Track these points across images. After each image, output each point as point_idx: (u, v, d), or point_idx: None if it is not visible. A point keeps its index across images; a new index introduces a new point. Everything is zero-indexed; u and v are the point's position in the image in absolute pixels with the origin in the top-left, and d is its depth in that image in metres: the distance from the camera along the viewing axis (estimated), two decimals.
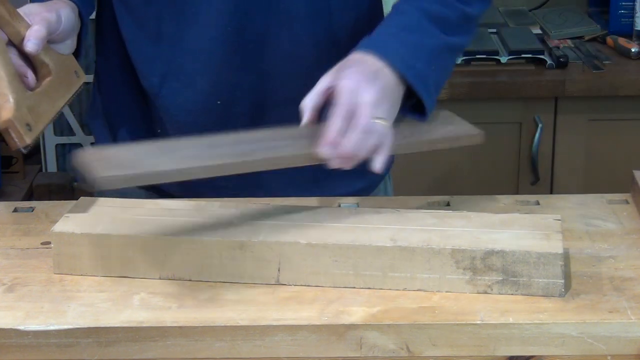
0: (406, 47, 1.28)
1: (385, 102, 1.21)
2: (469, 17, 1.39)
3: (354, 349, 1.10)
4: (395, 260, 1.15)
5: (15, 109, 1.17)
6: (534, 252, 1.13)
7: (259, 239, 1.17)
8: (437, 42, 1.32)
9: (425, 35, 1.31)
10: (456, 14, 1.35)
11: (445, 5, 1.35)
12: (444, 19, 1.33)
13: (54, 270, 1.21)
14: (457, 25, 1.36)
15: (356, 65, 1.24)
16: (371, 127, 1.18)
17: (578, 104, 2.37)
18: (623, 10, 2.64)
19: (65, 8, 1.29)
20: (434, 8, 1.33)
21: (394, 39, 1.29)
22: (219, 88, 1.40)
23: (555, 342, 1.09)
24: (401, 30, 1.31)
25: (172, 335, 1.10)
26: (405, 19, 1.32)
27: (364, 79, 1.21)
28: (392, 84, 1.24)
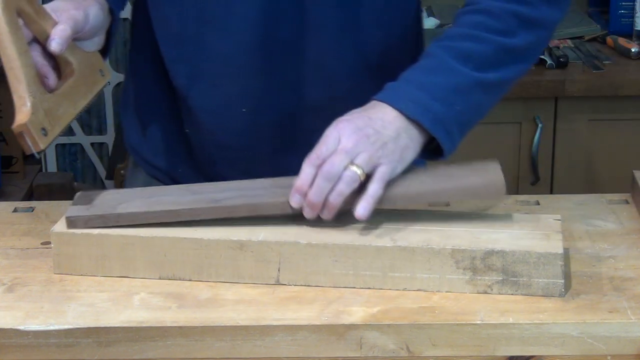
0: (424, 90, 1.24)
1: (370, 148, 1.18)
2: (513, 49, 1.30)
3: (354, 349, 1.10)
4: (395, 260, 1.15)
5: (32, 112, 1.16)
6: (534, 252, 1.13)
7: (259, 239, 1.17)
8: (463, 80, 1.26)
9: (449, 74, 1.26)
10: (492, 48, 1.28)
11: (478, 40, 1.28)
12: (477, 56, 1.27)
13: (54, 270, 1.21)
14: (495, 61, 1.29)
15: (359, 112, 1.23)
16: (336, 174, 1.16)
17: (578, 104, 2.37)
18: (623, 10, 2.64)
19: (94, 5, 1.27)
20: (464, 45, 1.28)
21: (410, 84, 1.25)
22: (245, 94, 1.37)
23: (555, 342, 1.09)
24: (422, 72, 1.27)
25: (172, 335, 1.10)
26: (429, 61, 1.28)
27: (352, 126, 1.19)
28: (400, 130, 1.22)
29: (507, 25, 1.29)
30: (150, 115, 1.49)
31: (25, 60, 1.16)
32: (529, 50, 1.33)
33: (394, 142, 1.21)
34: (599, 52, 2.52)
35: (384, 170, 1.19)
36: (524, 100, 2.36)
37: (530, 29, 1.31)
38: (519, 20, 1.30)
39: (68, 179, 2.80)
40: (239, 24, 1.33)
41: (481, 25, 1.29)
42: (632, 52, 2.47)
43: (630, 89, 2.35)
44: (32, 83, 1.17)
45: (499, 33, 1.29)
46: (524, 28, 1.30)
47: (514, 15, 1.29)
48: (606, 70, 2.40)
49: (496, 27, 1.29)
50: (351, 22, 1.35)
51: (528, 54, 1.33)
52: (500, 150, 2.41)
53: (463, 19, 1.32)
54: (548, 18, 1.34)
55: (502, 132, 2.40)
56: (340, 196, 1.16)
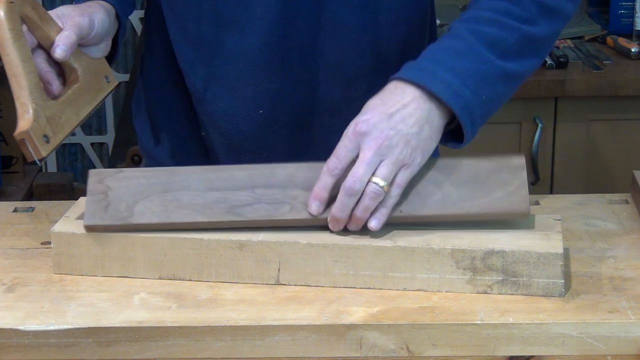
0: (455, 74, 1.20)
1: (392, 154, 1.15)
2: (533, 38, 1.27)
3: (354, 349, 1.10)
4: (395, 260, 1.15)
5: (34, 119, 1.16)
6: (534, 252, 1.13)
7: (259, 239, 1.17)
8: (491, 69, 1.23)
9: (478, 61, 1.22)
10: (516, 37, 1.25)
11: (503, 27, 1.24)
12: (502, 43, 1.24)
13: (54, 270, 1.21)
14: (517, 50, 1.25)
15: (376, 105, 1.18)
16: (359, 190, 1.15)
17: (578, 104, 2.37)
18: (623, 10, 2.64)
19: (100, 12, 1.27)
20: (491, 31, 1.24)
21: (441, 64, 1.21)
22: (262, 96, 1.36)
23: (555, 342, 1.09)
24: (451, 54, 1.22)
25: (172, 335, 1.10)
26: (458, 43, 1.23)
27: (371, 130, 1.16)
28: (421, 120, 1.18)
29: (530, 12, 1.26)
30: (164, 119, 1.48)
31: (28, 67, 1.16)
32: (546, 41, 1.30)
33: (417, 137, 1.17)
34: (599, 52, 2.52)
35: (405, 175, 1.17)
36: (524, 100, 2.36)
37: (549, 19, 1.28)
38: (540, 8, 1.27)
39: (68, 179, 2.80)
40: (257, 25, 1.33)
41: (505, 11, 1.25)
42: (632, 52, 2.47)
43: (630, 89, 2.35)
44: (34, 90, 1.17)
45: (522, 21, 1.26)
46: (544, 17, 1.27)
47: (536, 3, 1.27)
48: (606, 70, 2.39)
49: (520, 14, 1.25)
50: (370, 22, 1.34)
51: (544, 45, 1.31)
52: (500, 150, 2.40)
53: (487, 2, 1.27)
54: (565, 9, 1.31)
55: (502, 132, 2.40)
56: (367, 211, 1.16)
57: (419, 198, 1.18)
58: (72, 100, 1.23)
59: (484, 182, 1.19)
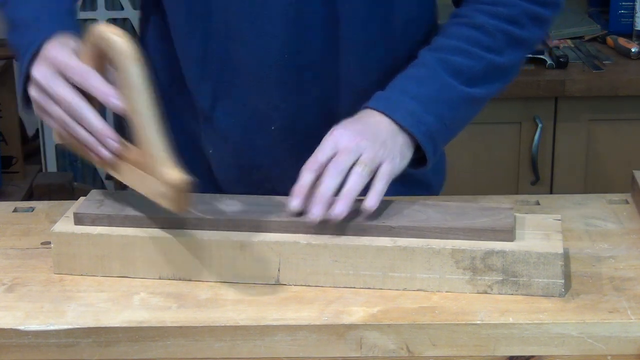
0: (417, 101, 1.26)
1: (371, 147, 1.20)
2: (500, 67, 1.33)
3: (354, 349, 1.10)
4: (395, 260, 1.15)
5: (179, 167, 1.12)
6: (534, 252, 1.13)
7: (259, 239, 1.17)
8: (453, 94, 1.28)
9: (441, 87, 1.28)
10: (482, 65, 1.30)
11: (471, 57, 1.30)
12: (467, 71, 1.29)
13: (54, 270, 1.21)
14: (483, 77, 1.31)
15: (352, 120, 1.24)
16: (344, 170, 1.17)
17: (578, 104, 2.38)
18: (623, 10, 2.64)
19: None
20: (457, 59, 1.29)
21: (406, 93, 1.26)
22: (274, 112, 1.35)
23: (555, 342, 1.09)
24: (415, 82, 1.28)
25: (172, 335, 1.10)
26: (422, 70, 1.29)
27: (349, 132, 1.21)
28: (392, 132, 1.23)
29: (498, 43, 1.32)
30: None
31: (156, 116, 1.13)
32: (512, 68, 1.35)
33: (392, 141, 1.22)
34: (599, 52, 2.52)
35: (387, 168, 1.19)
36: (524, 100, 2.37)
37: (517, 49, 1.34)
38: (509, 40, 1.32)
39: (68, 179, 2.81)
40: (267, 41, 1.31)
41: (474, 41, 1.31)
42: (632, 52, 2.47)
43: (630, 89, 2.35)
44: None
45: (490, 51, 1.31)
46: (512, 47, 1.33)
47: (505, 34, 1.32)
48: (606, 70, 2.40)
49: (488, 44, 1.31)
50: (382, 36, 1.34)
51: (510, 71, 1.36)
52: (500, 150, 2.41)
53: (457, 31, 1.33)
54: (534, 38, 1.37)
55: (502, 132, 2.40)
56: (353, 191, 1.16)
57: (404, 217, 1.18)
58: None
59: (469, 213, 1.19)
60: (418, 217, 1.18)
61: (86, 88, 1.13)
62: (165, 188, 1.10)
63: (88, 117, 1.14)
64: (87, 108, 1.14)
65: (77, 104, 1.14)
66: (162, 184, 1.10)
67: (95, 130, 1.14)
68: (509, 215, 1.18)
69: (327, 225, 1.16)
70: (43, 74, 1.15)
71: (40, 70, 1.16)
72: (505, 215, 1.18)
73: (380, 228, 1.17)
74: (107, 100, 1.12)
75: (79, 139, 1.15)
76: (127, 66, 1.10)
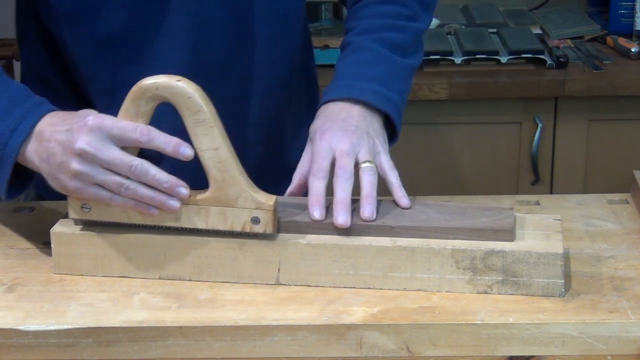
0: (376, 82, 1.30)
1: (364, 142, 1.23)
2: (420, 33, 1.41)
3: (354, 349, 1.10)
4: (395, 260, 1.15)
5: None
6: (534, 252, 1.13)
7: (258, 239, 1.17)
8: (402, 68, 1.35)
9: (391, 64, 1.34)
10: (410, 35, 1.38)
11: (399, 30, 1.37)
12: (402, 44, 1.36)
13: (54, 270, 1.21)
14: (413, 46, 1.39)
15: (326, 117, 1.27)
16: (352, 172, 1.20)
17: (578, 104, 2.37)
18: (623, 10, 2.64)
19: None
20: (391, 36, 1.36)
21: (360, 77, 1.31)
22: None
23: (555, 342, 1.09)
24: (364, 66, 1.33)
25: (172, 335, 1.10)
26: (367, 54, 1.34)
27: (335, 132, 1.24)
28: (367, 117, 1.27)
29: (415, 11, 1.40)
30: None
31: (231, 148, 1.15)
32: (425, 31, 1.43)
33: (372, 127, 1.27)
34: (599, 52, 2.52)
35: (386, 159, 1.25)
36: (524, 100, 2.36)
37: (428, 11, 1.45)
38: (421, 5, 1.42)
39: None
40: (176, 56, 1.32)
41: (396, 14, 1.38)
42: (632, 52, 2.47)
43: (630, 89, 2.35)
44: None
45: (411, 19, 1.39)
46: (424, 11, 1.42)
47: (417, 1, 1.40)
48: (606, 70, 2.39)
49: (406, 13, 1.39)
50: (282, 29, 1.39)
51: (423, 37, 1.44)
52: (500, 150, 2.41)
53: (375, 9, 1.39)
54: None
55: (502, 132, 2.40)
56: (373, 190, 1.19)
57: (404, 217, 1.19)
58: None
59: (469, 213, 1.19)
60: (418, 217, 1.18)
61: (153, 145, 1.13)
62: (259, 213, 1.14)
63: (154, 173, 1.12)
64: (150, 165, 1.12)
65: (139, 164, 1.12)
66: (253, 210, 1.14)
67: (163, 183, 1.13)
68: (509, 215, 1.18)
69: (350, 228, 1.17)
70: (91, 143, 1.11)
71: (85, 141, 1.11)
72: (505, 215, 1.18)
73: (380, 228, 1.17)
74: (178, 150, 1.13)
75: (141, 197, 1.13)
76: (201, 105, 1.12)
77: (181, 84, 1.12)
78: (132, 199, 1.14)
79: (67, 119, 1.15)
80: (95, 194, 1.14)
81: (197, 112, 1.12)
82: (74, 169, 1.12)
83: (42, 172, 1.17)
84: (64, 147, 1.13)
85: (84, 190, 1.14)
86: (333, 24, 2.62)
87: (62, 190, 1.16)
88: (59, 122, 1.15)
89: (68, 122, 1.14)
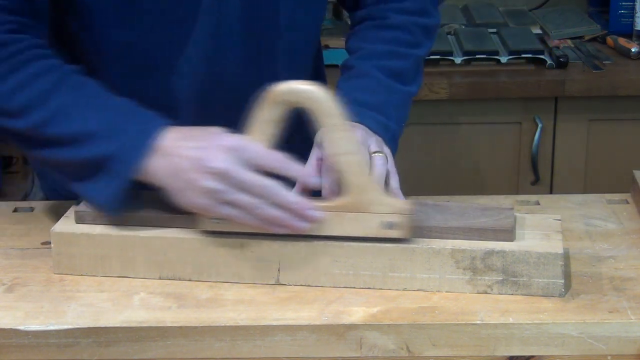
0: (377, 111, 1.32)
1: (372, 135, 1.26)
2: (421, 59, 1.43)
3: (354, 349, 1.10)
4: (395, 260, 1.15)
5: None
6: (534, 252, 1.13)
7: (258, 239, 1.17)
8: (400, 96, 1.37)
9: (389, 92, 1.35)
10: (411, 62, 1.39)
11: (401, 57, 1.38)
12: (402, 71, 1.37)
13: (54, 270, 1.21)
14: (413, 74, 1.40)
15: None
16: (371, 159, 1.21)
17: (578, 104, 2.37)
18: (623, 10, 2.64)
19: None
20: (392, 64, 1.37)
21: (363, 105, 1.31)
22: None
23: (555, 342, 1.09)
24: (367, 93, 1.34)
25: (172, 335, 1.10)
26: (368, 80, 1.35)
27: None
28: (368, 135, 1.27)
29: (417, 37, 1.41)
30: None
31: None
32: (426, 57, 1.46)
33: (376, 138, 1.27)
34: (599, 52, 2.52)
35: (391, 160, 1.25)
36: (524, 100, 2.36)
37: (430, 38, 1.45)
38: (424, 31, 1.42)
39: None
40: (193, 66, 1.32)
41: (398, 40, 1.40)
42: (632, 52, 2.47)
43: (630, 89, 2.35)
44: None
45: (413, 46, 1.40)
46: (426, 38, 1.43)
47: (419, 27, 1.41)
48: (606, 70, 2.39)
49: (410, 40, 1.40)
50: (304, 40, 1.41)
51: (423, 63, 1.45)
52: (500, 150, 2.41)
53: (379, 34, 1.41)
54: (438, 22, 1.47)
55: (502, 132, 2.40)
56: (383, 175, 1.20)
57: None
58: None
59: (469, 213, 1.19)
60: (418, 217, 1.18)
61: (284, 172, 1.14)
62: (395, 217, 1.13)
63: (285, 195, 1.13)
64: (281, 188, 1.13)
65: (271, 185, 1.12)
66: (388, 214, 1.13)
67: (293, 204, 1.13)
68: (509, 215, 1.18)
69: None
70: (227, 162, 1.12)
71: (221, 159, 1.12)
72: (505, 215, 1.18)
73: None
74: (308, 180, 1.16)
75: (271, 218, 1.13)
76: (335, 109, 1.12)
77: (315, 88, 1.12)
78: (262, 219, 1.14)
79: (195, 135, 1.15)
80: (223, 212, 1.14)
81: (332, 116, 1.12)
82: (206, 187, 1.12)
83: (166, 188, 1.16)
84: (195, 165, 1.12)
85: (212, 208, 1.13)
86: (333, 24, 2.61)
87: (187, 206, 1.15)
88: (185, 137, 1.15)
89: (199, 139, 1.14)
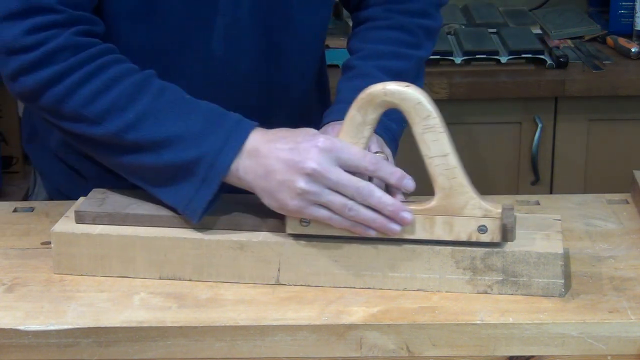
0: None
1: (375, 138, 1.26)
2: (422, 61, 1.43)
3: (354, 349, 1.10)
4: (395, 260, 1.15)
5: None
6: (534, 252, 1.13)
7: (259, 239, 1.17)
8: None
9: None
10: (412, 63, 1.40)
11: (402, 57, 1.39)
12: (403, 72, 1.36)
13: (54, 270, 1.21)
14: (414, 74, 1.40)
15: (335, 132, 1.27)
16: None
17: (578, 104, 2.37)
18: (623, 10, 2.64)
19: None
20: (393, 64, 1.37)
21: None
22: None
23: (555, 342, 1.09)
24: None
25: (172, 335, 1.10)
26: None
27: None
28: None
29: (419, 39, 1.41)
30: None
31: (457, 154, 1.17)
32: (427, 59, 1.45)
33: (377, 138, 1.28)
34: (599, 52, 2.52)
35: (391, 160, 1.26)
36: (524, 100, 2.36)
37: (432, 39, 1.45)
38: (426, 33, 1.42)
39: None
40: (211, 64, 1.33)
41: (400, 41, 1.40)
42: (632, 52, 2.47)
43: (630, 89, 2.35)
44: None
45: (414, 47, 1.41)
46: (427, 39, 1.44)
47: (422, 28, 1.42)
48: (606, 70, 2.39)
49: (411, 41, 1.41)
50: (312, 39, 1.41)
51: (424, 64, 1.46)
52: (500, 150, 2.41)
53: (381, 35, 1.41)
54: (440, 24, 1.48)
55: (502, 132, 2.40)
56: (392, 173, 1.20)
57: None
58: None
59: None
60: None
61: (378, 174, 1.14)
62: (486, 221, 1.12)
63: (379, 196, 1.13)
64: (375, 188, 1.13)
65: (366, 186, 1.12)
66: (481, 218, 1.13)
67: (388, 207, 1.13)
68: (509, 215, 1.18)
69: None
70: (322, 164, 1.12)
71: (316, 161, 1.12)
72: (505, 215, 1.18)
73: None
74: (402, 182, 1.15)
75: (363, 219, 1.13)
76: (430, 110, 1.12)
77: (410, 89, 1.12)
78: (353, 220, 1.13)
79: (286, 136, 1.15)
80: (315, 214, 1.14)
81: (427, 117, 1.12)
82: (300, 188, 1.12)
83: (256, 190, 1.16)
84: (289, 166, 1.13)
85: (305, 209, 1.13)
86: (333, 24, 2.61)
87: (278, 208, 1.15)
88: (277, 139, 1.15)
89: (290, 140, 1.14)
